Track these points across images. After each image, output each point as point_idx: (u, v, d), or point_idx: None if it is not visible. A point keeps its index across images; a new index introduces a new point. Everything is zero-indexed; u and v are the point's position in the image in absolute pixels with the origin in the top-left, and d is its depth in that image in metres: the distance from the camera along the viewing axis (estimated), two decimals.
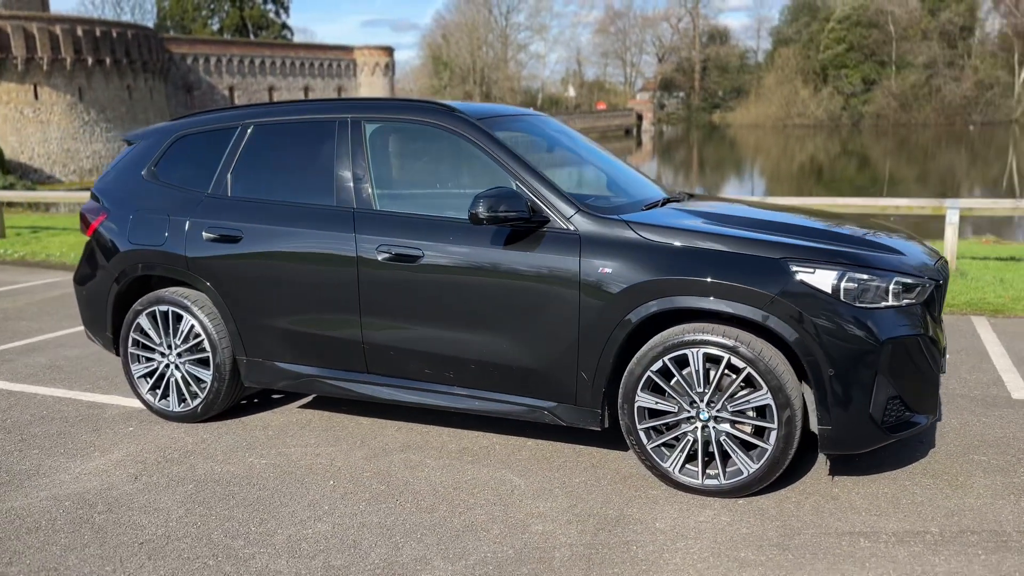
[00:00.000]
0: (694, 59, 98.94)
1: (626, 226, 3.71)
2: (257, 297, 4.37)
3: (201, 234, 4.46)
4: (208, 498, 3.77)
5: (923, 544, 3.19)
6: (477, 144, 4.02)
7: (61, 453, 4.34)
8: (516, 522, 3.46)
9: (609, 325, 3.65)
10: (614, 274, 3.61)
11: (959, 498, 3.57)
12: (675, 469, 3.65)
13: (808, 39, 71.00)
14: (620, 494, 3.69)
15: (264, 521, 3.54)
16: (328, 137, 4.33)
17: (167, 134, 4.85)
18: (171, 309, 4.59)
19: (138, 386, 4.78)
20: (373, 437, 4.44)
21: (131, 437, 4.53)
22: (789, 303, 3.37)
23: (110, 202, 4.85)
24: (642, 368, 3.61)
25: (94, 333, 5.00)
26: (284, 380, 4.46)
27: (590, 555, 3.18)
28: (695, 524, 3.39)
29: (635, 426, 3.68)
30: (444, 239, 3.94)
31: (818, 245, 3.56)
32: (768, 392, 3.42)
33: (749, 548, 3.19)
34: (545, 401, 3.89)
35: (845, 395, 3.37)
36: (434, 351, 4.04)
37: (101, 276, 4.82)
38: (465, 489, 3.78)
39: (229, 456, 4.24)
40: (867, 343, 3.35)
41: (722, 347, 3.46)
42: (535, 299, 3.77)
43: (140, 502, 3.74)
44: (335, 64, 67.01)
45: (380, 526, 3.46)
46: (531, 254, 3.76)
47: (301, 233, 4.24)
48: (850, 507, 3.51)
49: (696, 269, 3.50)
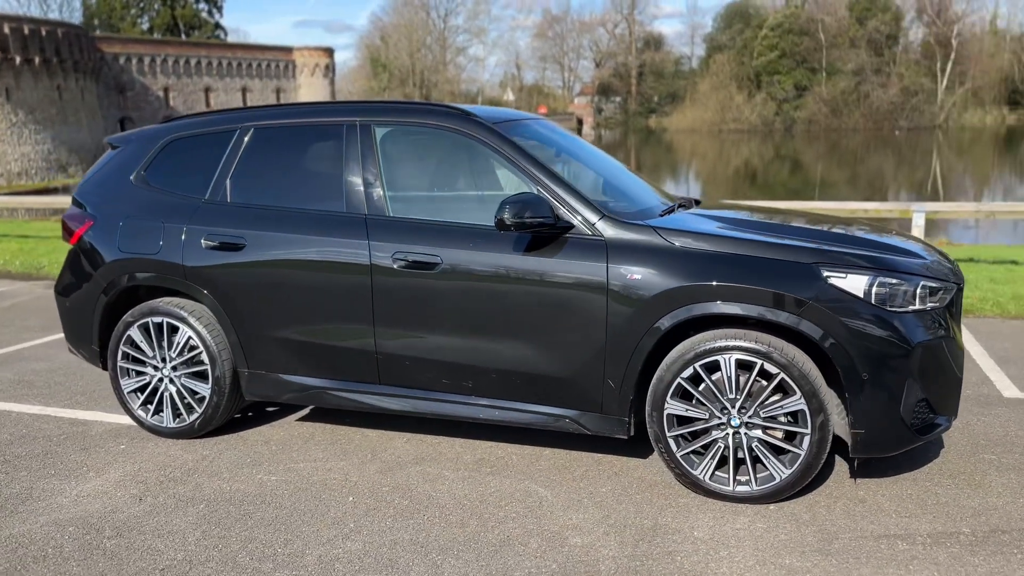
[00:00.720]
0: (631, 64, 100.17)
1: (654, 232, 3.68)
2: (261, 307, 4.20)
3: (200, 242, 4.27)
4: (223, 518, 3.60)
5: (959, 545, 3.23)
6: (495, 149, 3.94)
7: (52, 475, 4.11)
8: (552, 535, 3.39)
9: (638, 332, 3.61)
10: (644, 280, 3.58)
11: (981, 498, 3.63)
12: (705, 476, 3.63)
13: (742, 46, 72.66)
14: (650, 503, 3.65)
15: (289, 541, 3.39)
16: (335, 141, 4.20)
17: (156, 138, 4.64)
18: (166, 320, 4.38)
19: (128, 401, 4.55)
20: (383, 450, 4.31)
21: (125, 455, 4.31)
22: (823, 308, 3.38)
23: (95, 209, 4.62)
24: (672, 375, 3.59)
25: (77, 346, 4.75)
26: (289, 392, 4.31)
27: (636, 567, 3.13)
28: (733, 532, 3.38)
29: (664, 434, 3.65)
30: (463, 246, 3.85)
31: (847, 250, 3.59)
32: (802, 397, 3.43)
33: (792, 555, 3.19)
34: (569, 410, 3.83)
35: (878, 398, 3.40)
36: (452, 360, 3.94)
37: (87, 286, 4.58)
38: (491, 502, 3.69)
39: (236, 473, 4.06)
40: (900, 346, 3.38)
41: (755, 353, 3.46)
42: (560, 306, 3.71)
43: (150, 525, 3.56)
44: (274, 65, 65.79)
45: (413, 543, 3.35)
46: (556, 260, 3.70)
47: (309, 240, 4.09)
48: (879, 510, 3.54)
49: (729, 275, 3.49)
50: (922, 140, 62.91)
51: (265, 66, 65.04)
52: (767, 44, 68.55)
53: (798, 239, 3.67)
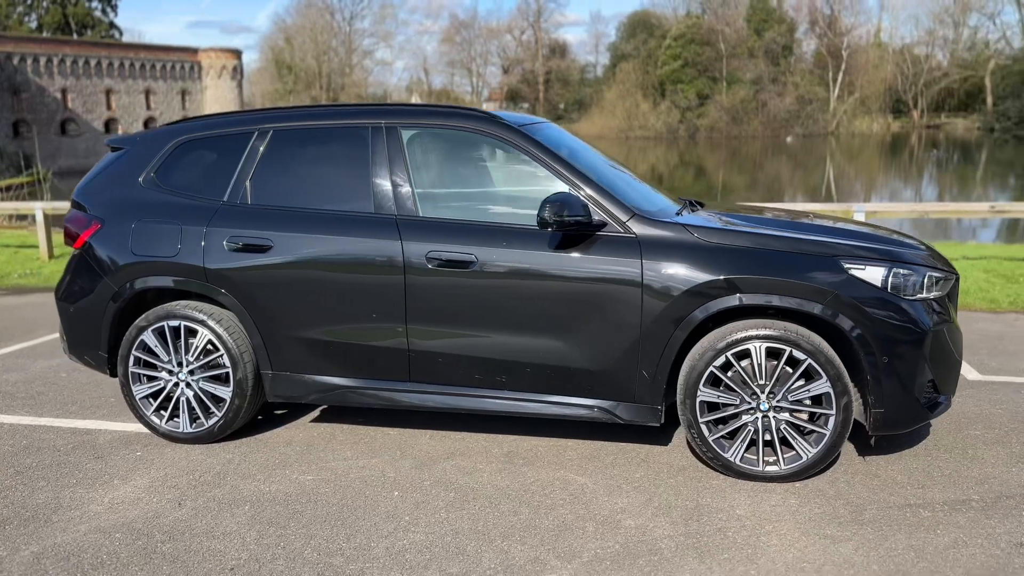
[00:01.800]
0: (538, 71, 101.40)
1: (684, 229, 3.89)
2: (288, 308, 4.21)
3: (222, 244, 4.25)
4: (274, 518, 3.61)
5: (973, 511, 3.56)
6: (524, 150, 4.09)
7: (74, 484, 4.01)
8: (604, 519, 3.55)
9: (672, 325, 3.82)
10: (678, 275, 3.79)
11: (979, 468, 3.99)
12: (736, 459, 3.86)
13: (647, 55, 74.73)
14: (686, 486, 3.86)
15: (351, 536, 3.44)
16: (361, 143, 4.25)
17: (165, 139, 4.58)
18: (183, 324, 4.34)
19: (141, 408, 4.47)
20: (410, 447, 4.38)
21: (145, 462, 4.24)
22: (848, 297, 3.67)
23: (102, 211, 4.52)
24: (705, 364, 3.81)
25: (81, 353, 4.63)
26: (315, 393, 4.33)
27: (694, 544, 3.32)
28: (770, 508, 3.62)
29: (697, 420, 3.86)
30: (499, 244, 3.97)
31: (862, 244, 3.89)
32: (828, 381, 3.70)
33: (830, 526, 3.45)
34: (604, 401, 4.00)
35: (897, 380, 3.71)
36: (487, 356, 4.06)
37: (95, 291, 4.47)
38: (535, 491, 3.83)
39: (269, 475, 4.06)
40: (915, 332, 3.70)
41: (784, 341, 3.71)
42: (596, 301, 3.88)
43: (201, 528, 3.54)
44: (179, 66, 63.50)
45: (474, 532, 3.46)
46: (592, 257, 3.87)
47: (339, 241, 4.13)
48: (894, 482, 3.85)
49: (758, 268, 3.73)
50: (816, 146, 66.07)
51: (170, 67, 62.73)
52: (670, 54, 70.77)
53: (815, 235, 3.96)
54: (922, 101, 75.21)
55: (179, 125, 4.67)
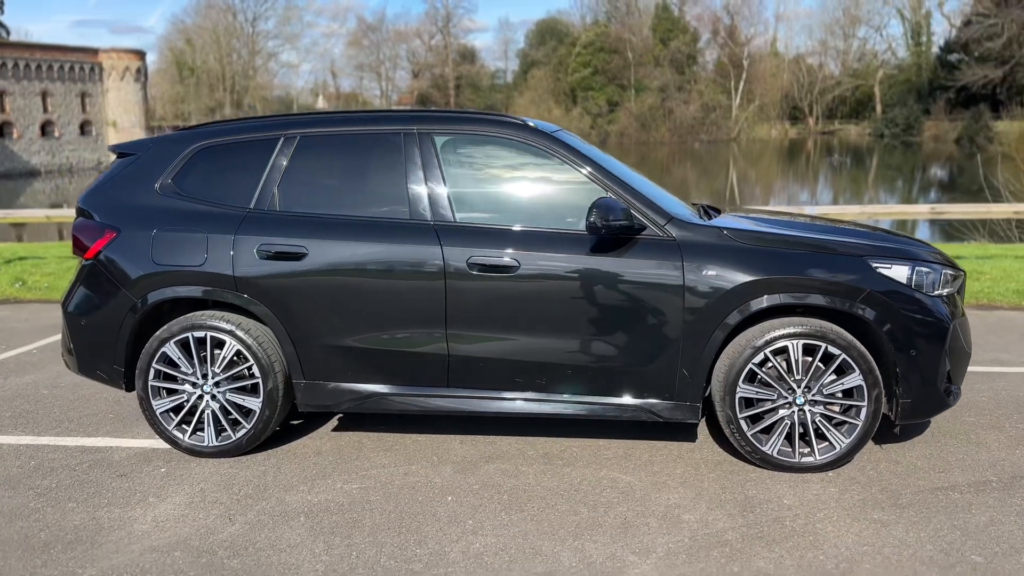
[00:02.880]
0: (448, 76, 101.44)
1: (720, 232, 4.05)
2: (323, 315, 4.16)
3: (252, 252, 4.16)
4: (335, 528, 3.57)
5: (997, 491, 3.84)
6: (560, 156, 4.17)
7: (106, 504, 3.85)
8: (663, 514, 3.66)
9: (712, 325, 3.96)
10: (718, 277, 3.94)
11: (987, 452, 4.29)
12: (774, 451, 4.04)
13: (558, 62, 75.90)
14: (728, 479, 4.01)
15: (421, 542, 3.44)
16: (394, 150, 4.25)
17: (182, 145, 4.45)
18: (209, 335, 4.22)
19: (162, 423, 4.32)
20: (444, 452, 4.39)
21: (175, 478, 4.11)
22: (879, 294, 3.90)
23: (116, 219, 4.35)
24: (744, 361, 3.97)
25: (93, 368, 4.44)
26: (349, 401, 4.28)
27: (757, 534, 3.47)
28: (815, 497, 3.80)
29: (736, 415, 4.02)
30: (541, 249, 4.04)
31: (883, 244, 4.13)
32: (860, 374, 3.92)
33: (875, 511, 3.66)
34: (645, 400, 4.11)
35: (922, 371, 3.96)
36: (528, 359, 4.11)
37: (112, 303, 4.30)
38: (585, 491, 3.90)
39: (312, 485, 4.00)
40: (938, 326, 3.96)
41: (820, 337, 3.91)
42: (639, 303, 3.99)
43: (263, 542, 3.47)
44: (78, 67, 60.35)
45: (542, 532, 3.51)
46: (633, 261, 3.98)
47: (377, 248, 4.11)
48: (917, 468, 4.10)
49: (795, 269, 3.92)
50: (720, 152, 68.41)
51: (68, 68, 59.58)
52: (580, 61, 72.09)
53: (841, 236, 4.18)
54: (817, 108, 78.85)
55: (196, 131, 4.54)
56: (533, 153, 4.26)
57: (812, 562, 3.23)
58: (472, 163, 4.39)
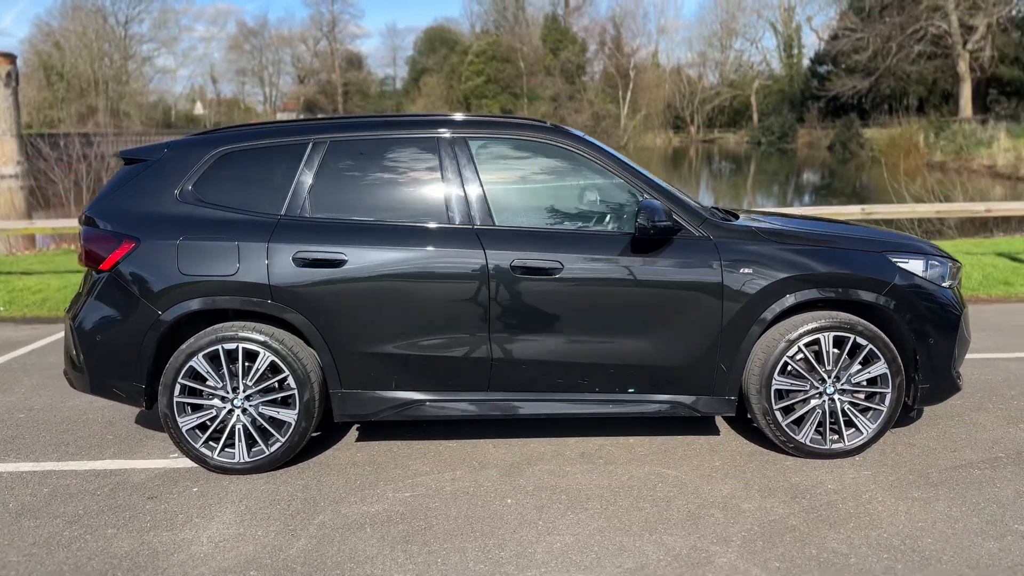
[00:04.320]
0: (335, 82, 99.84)
1: (752, 232, 4.23)
2: (363, 323, 4.09)
3: (288, 260, 4.04)
4: (407, 536, 3.52)
5: (1010, 465, 4.16)
6: (594, 159, 4.26)
7: (149, 527, 3.65)
8: (723, 505, 3.79)
9: (749, 320, 4.13)
10: (754, 274, 4.11)
11: (985, 431, 4.64)
12: (807, 440, 4.23)
13: (450, 70, 75.89)
14: (766, 468, 4.17)
15: (501, 545, 3.44)
16: (429, 154, 4.22)
17: (201, 150, 4.27)
18: (241, 346, 4.07)
19: (189, 440, 4.13)
20: (482, 457, 4.38)
21: (214, 497, 3.93)
22: (902, 287, 4.16)
23: (134, 229, 4.13)
24: (778, 354, 4.15)
25: (109, 386, 4.19)
26: (387, 409, 4.21)
27: (818, 518, 3.64)
28: (853, 481, 4.01)
29: (772, 407, 4.20)
30: (581, 250, 4.10)
31: (897, 240, 4.42)
32: (885, 363, 4.17)
33: (912, 489, 3.90)
34: (685, 396, 4.24)
35: (938, 358, 4.25)
36: (571, 360, 4.17)
37: (132, 316, 4.08)
38: (638, 487, 3.98)
39: (363, 496, 3.92)
40: (952, 314, 4.26)
41: (849, 329, 4.14)
42: (679, 301, 4.12)
43: (338, 556, 3.38)
44: None
45: (616, 528, 3.56)
46: (674, 260, 4.11)
47: (419, 253, 4.07)
48: (931, 449, 4.39)
49: (827, 265, 4.14)
50: None
51: None
52: (473, 69, 72.33)
53: (859, 233, 4.44)
54: (698, 118, 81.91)
55: (215, 135, 4.37)
56: (565, 156, 4.33)
57: (879, 540, 3.43)
58: (507, 167, 4.41)
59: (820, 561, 3.27)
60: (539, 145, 4.32)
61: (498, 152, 4.37)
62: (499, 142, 4.35)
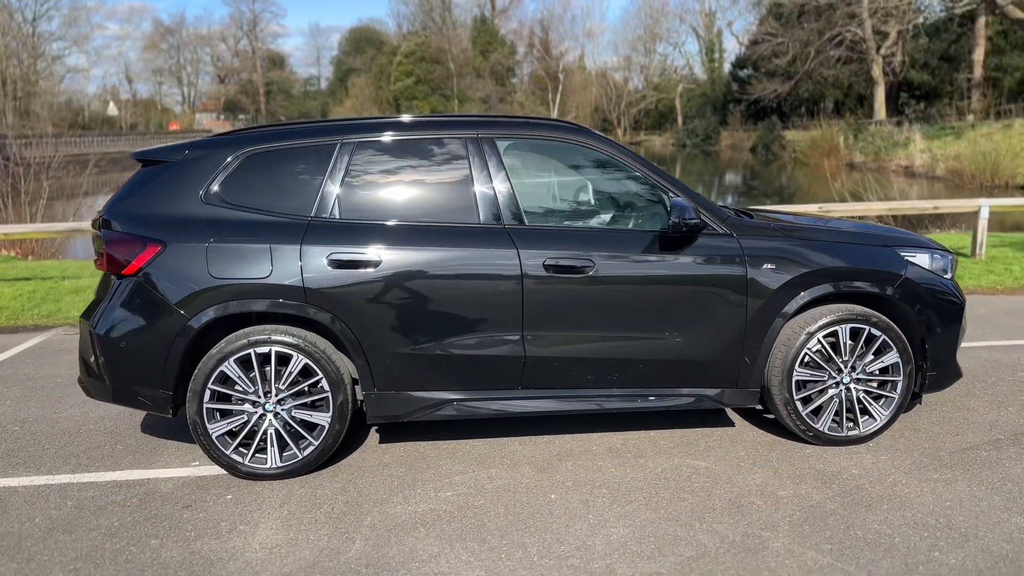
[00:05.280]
0: (257, 82, 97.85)
1: (773, 230, 4.38)
2: (396, 324, 4.08)
3: (322, 261, 4.01)
4: (463, 534, 3.53)
5: (1011, 446, 4.41)
6: (619, 159, 4.34)
7: (194, 536, 3.58)
8: (760, 492, 3.92)
9: (772, 314, 4.28)
10: (777, 269, 4.26)
11: (982, 415, 4.90)
12: (825, 428, 4.41)
13: (379, 71, 75.33)
14: (790, 456, 4.33)
15: (561, 539, 3.49)
16: (458, 155, 4.24)
17: (225, 151, 4.19)
18: (274, 349, 4.02)
19: (219, 447, 4.05)
20: (510, 455, 4.41)
21: (251, 504, 3.87)
22: (912, 279, 4.38)
23: (158, 232, 4.03)
24: (799, 346, 4.31)
25: (133, 394, 4.08)
26: (420, 410, 4.21)
27: (852, 501, 3.80)
28: (874, 466, 4.20)
29: (793, 397, 4.36)
30: (611, 248, 4.19)
31: (902, 235, 4.64)
32: (896, 352, 4.38)
33: (929, 471, 4.11)
34: (711, 389, 4.36)
35: (944, 346, 4.48)
36: (601, 357, 4.24)
37: (160, 321, 3.98)
38: (673, 479, 4.08)
39: (405, 497, 3.92)
40: (956, 304, 4.50)
41: (865, 321, 4.33)
42: (707, 297, 4.24)
43: (400, 555, 3.37)
44: None
45: (666, 519, 3.65)
46: (702, 257, 4.23)
47: (451, 253, 4.09)
48: (936, 434, 4.62)
49: (844, 260, 4.33)
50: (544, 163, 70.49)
51: None
52: (402, 70, 71.96)
53: (866, 229, 4.65)
54: (625, 120, 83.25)
55: (238, 136, 4.29)
56: (590, 156, 4.41)
57: (915, 519, 3.61)
58: (535, 166, 4.47)
59: (868, 542, 3.42)
60: (565, 145, 4.38)
61: (526, 152, 4.42)
62: (527, 142, 4.40)
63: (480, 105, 67.99)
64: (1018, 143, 29.61)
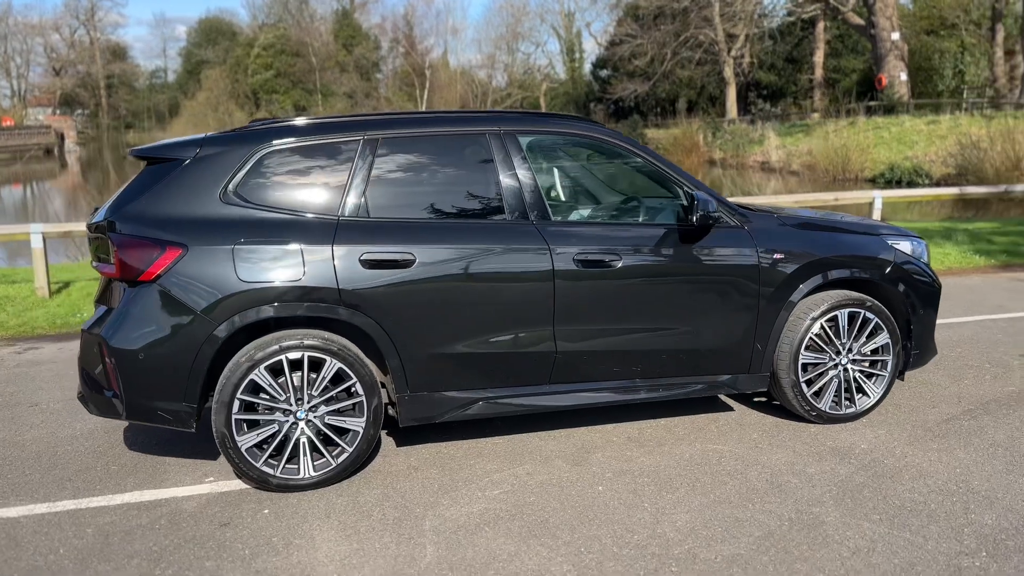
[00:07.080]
0: (97, 74, 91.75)
1: (777, 220, 4.60)
2: (432, 324, 4.00)
3: (355, 262, 3.88)
4: (530, 531, 3.52)
5: (983, 416, 4.83)
6: (639, 156, 4.44)
7: (249, 555, 3.39)
8: (790, 471, 4.11)
9: (781, 301, 4.50)
10: (785, 258, 4.48)
11: (965, 388, 5.30)
12: (826, 407, 4.68)
13: (235, 63, 72.24)
14: (800, 435, 4.57)
15: (630, 529, 3.54)
16: (482, 151, 4.20)
17: (242, 149, 3.96)
18: (307, 355, 3.85)
19: (249, 460, 3.84)
20: (536, 451, 4.42)
21: (294, 517, 3.70)
22: (900, 265, 4.71)
23: (177, 234, 3.77)
24: (804, 331, 4.55)
25: (152, 409, 3.80)
26: (452, 410, 4.15)
27: (876, 472, 4.06)
28: (877, 440, 4.50)
29: (799, 379, 4.60)
30: (637, 242, 4.28)
31: (885, 225, 4.97)
32: (887, 333, 4.70)
33: (927, 442, 4.44)
34: (726, 375, 4.53)
35: (925, 325, 4.85)
36: (628, 349, 4.33)
37: (184, 330, 3.73)
38: (707, 464, 4.21)
39: (453, 499, 3.86)
40: (934, 288, 4.88)
41: (861, 305, 4.62)
42: (724, 286, 4.41)
43: (478, 558, 3.33)
44: None
45: (720, 502, 3.78)
46: (718, 248, 4.39)
47: (486, 250, 4.05)
48: (916, 408, 4.99)
49: (844, 249, 4.61)
50: None
51: None
52: (261, 63, 69.39)
53: (855, 220, 4.95)
54: None
55: (256, 132, 4.06)
56: (611, 152, 4.48)
57: (935, 485, 3.90)
58: (557, 162, 4.48)
59: (909, 510, 3.67)
60: (585, 141, 4.43)
61: (548, 148, 4.43)
62: (547, 138, 4.41)
63: (345, 100, 66.63)
64: (864, 139, 32.00)
